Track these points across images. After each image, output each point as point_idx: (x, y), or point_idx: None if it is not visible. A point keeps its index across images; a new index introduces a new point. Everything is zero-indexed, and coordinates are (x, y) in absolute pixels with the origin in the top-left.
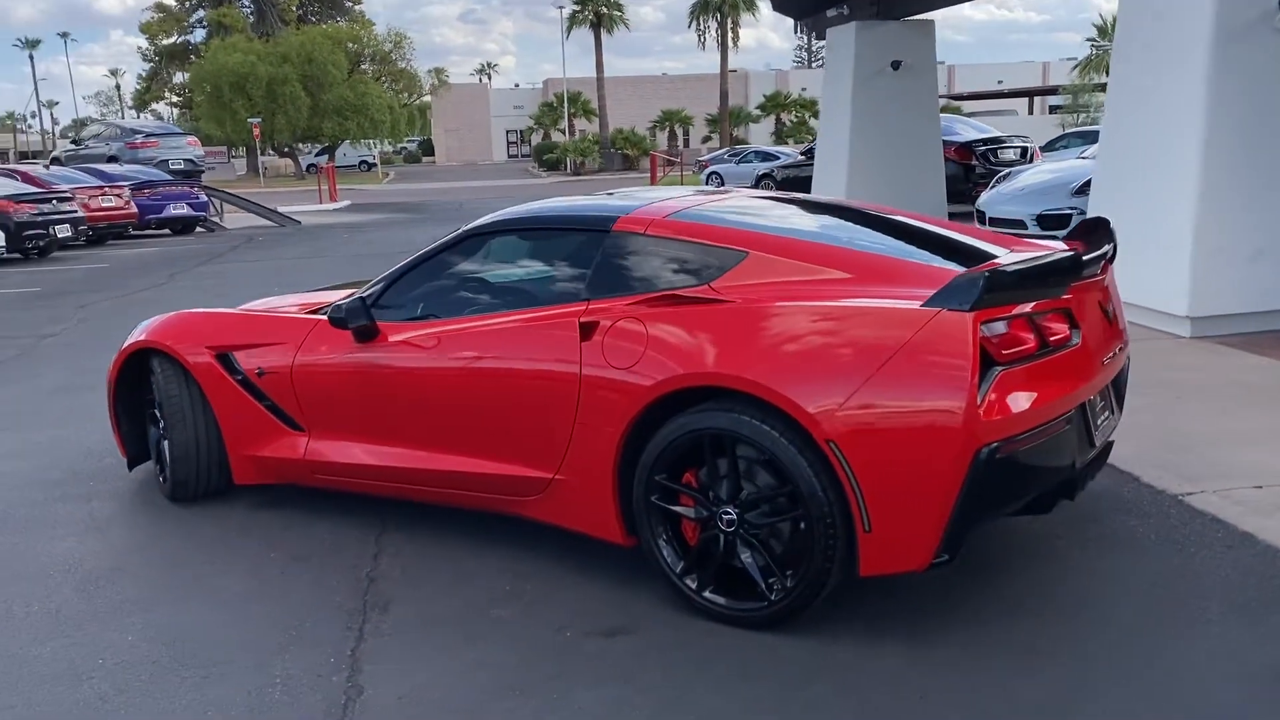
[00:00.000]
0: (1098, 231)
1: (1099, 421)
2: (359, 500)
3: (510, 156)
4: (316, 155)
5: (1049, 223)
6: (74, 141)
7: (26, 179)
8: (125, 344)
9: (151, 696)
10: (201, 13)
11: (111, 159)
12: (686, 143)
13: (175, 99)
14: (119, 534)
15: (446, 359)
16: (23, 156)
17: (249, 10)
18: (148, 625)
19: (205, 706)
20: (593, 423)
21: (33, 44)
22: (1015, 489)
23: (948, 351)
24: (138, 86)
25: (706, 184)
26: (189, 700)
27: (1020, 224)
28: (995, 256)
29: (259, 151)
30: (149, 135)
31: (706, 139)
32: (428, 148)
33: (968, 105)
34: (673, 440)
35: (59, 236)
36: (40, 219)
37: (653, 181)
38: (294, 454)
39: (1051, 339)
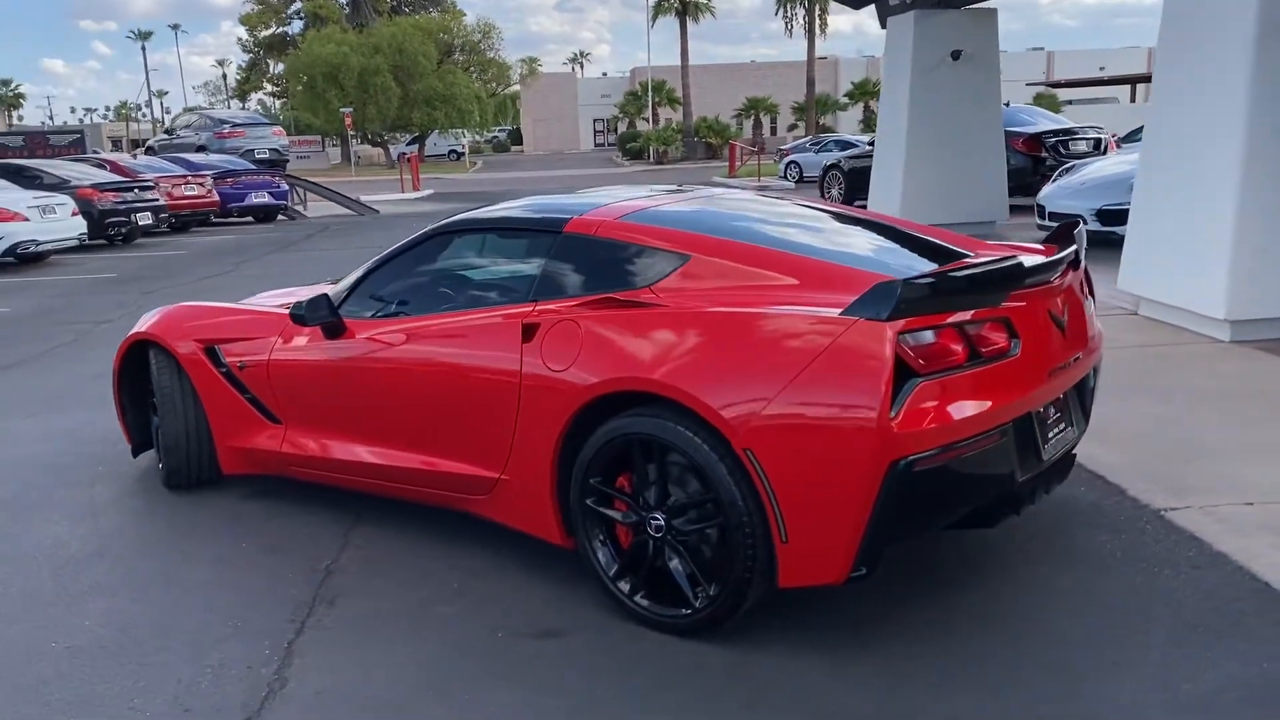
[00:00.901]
0: (1067, 235)
1: (1050, 434)
2: (343, 494)
3: (597, 146)
4: (407, 145)
5: (1109, 218)
6: (167, 131)
7: (115, 168)
8: (128, 335)
9: (89, 681)
10: (299, 4)
11: (200, 148)
12: (774, 130)
13: (273, 89)
14: (109, 519)
15: (404, 357)
16: (134, 145)
17: (344, 2)
18: (108, 611)
19: (133, 694)
20: (532, 424)
21: (145, 35)
22: (940, 504)
23: (861, 361)
24: (238, 77)
25: (784, 173)
26: (121, 687)
27: (1080, 220)
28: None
29: (351, 141)
30: (236, 125)
31: (793, 127)
32: (516, 137)
33: (1065, 93)
34: (605, 444)
35: (140, 224)
36: (123, 207)
37: (731, 172)
38: (273, 446)
39: (984, 349)
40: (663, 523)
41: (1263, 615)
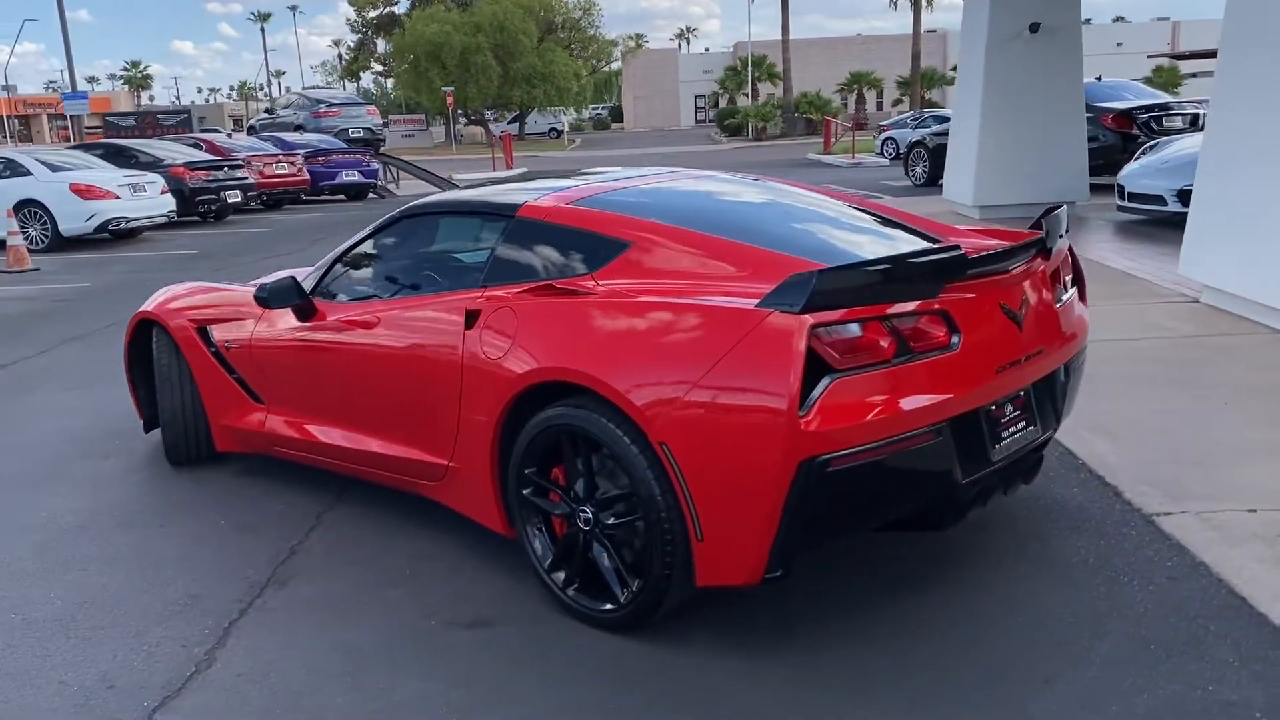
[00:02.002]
0: (1044, 222)
1: (1004, 434)
2: (330, 475)
3: (698, 122)
4: (508, 123)
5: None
6: (268, 111)
7: (210, 148)
8: (135, 313)
9: (33, 654)
10: None
11: (298, 128)
12: (879, 106)
13: (380, 69)
14: (108, 493)
15: (364, 341)
16: (235, 125)
17: None
18: (74, 584)
19: (68, 669)
20: (473, 412)
21: (264, 17)
22: (862, 506)
23: (772, 355)
24: (346, 57)
25: (881, 150)
26: (60, 661)
27: (1159, 200)
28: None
29: (453, 120)
30: (331, 105)
31: (897, 103)
32: (617, 114)
33: (1188, 65)
34: (537, 434)
35: (229, 201)
36: (213, 185)
37: (826, 148)
38: (257, 426)
39: (916, 343)
40: (590, 516)
41: (1225, 634)
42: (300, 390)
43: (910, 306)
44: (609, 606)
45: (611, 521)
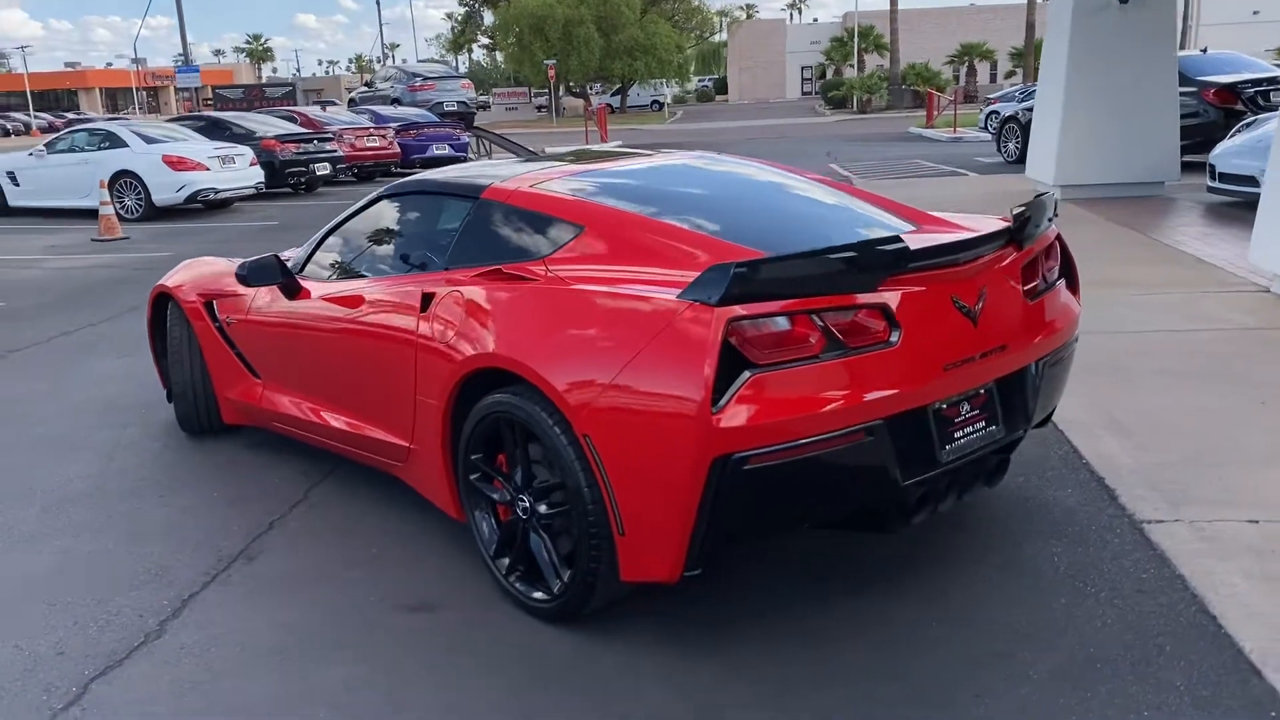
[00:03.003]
0: (1027, 208)
1: (956, 434)
2: (327, 451)
3: (805, 94)
4: (611, 95)
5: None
6: (367, 84)
7: (305, 121)
8: (154, 286)
9: (2, 618)
10: None
11: (395, 101)
12: (992, 78)
13: (487, 42)
14: (121, 461)
15: (341, 321)
16: (319, 101)
17: None
18: (63, 551)
19: (26, 634)
20: (425, 395)
21: None
22: (786, 506)
23: (687, 349)
24: (453, 30)
25: (984, 124)
26: (20, 625)
27: (1251, 181)
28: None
29: (556, 92)
30: (427, 79)
31: (1010, 74)
32: (721, 86)
33: None
34: (480, 421)
35: (319, 174)
36: (303, 157)
37: (928, 121)
38: (255, 401)
39: (849, 338)
40: (528, 505)
41: (1180, 655)
42: (287, 367)
43: (844, 300)
44: (542, 596)
45: (545, 511)
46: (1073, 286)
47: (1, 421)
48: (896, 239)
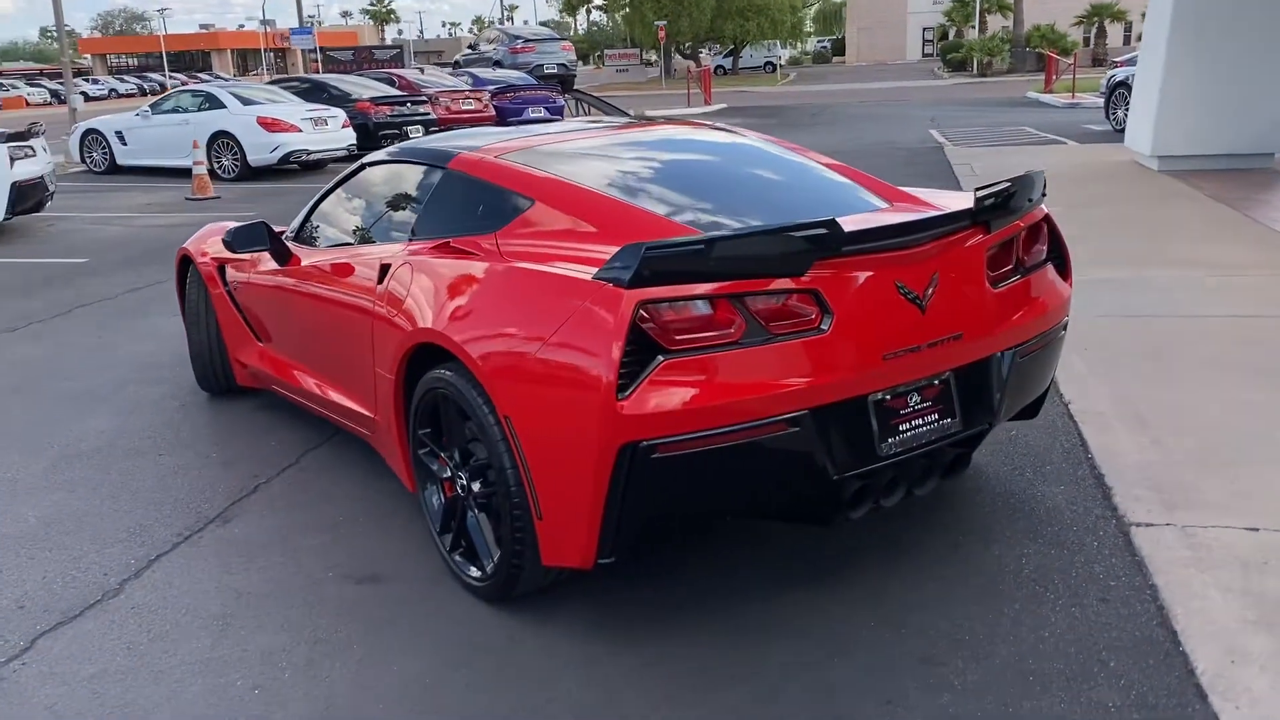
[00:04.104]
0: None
1: (901, 427)
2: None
3: (925, 55)
4: (723, 57)
5: None
6: (470, 47)
7: (403, 83)
8: (179, 248)
9: None
10: None
11: (497, 64)
12: (1126, 40)
13: (599, 3)
14: (136, 419)
15: (320, 289)
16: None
17: None
18: (55, 505)
19: None
20: (381, 368)
21: None
22: (701, 496)
23: (596, 331)
24: None
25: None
26: None
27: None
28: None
29: (667, 54)
30: (527, 41)
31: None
32: (839, 47)
33: None
34: (423, 396)
35: (411, 136)
36: (396, 119)
37: (1047, 86)
38: (258, 363)
39: (773, 324)
40: (465, 483)
41: (1123, 671)
42: (279, 332)
43: (769, 284)
44: (477, 574)
45: (479, 490)
46: (1063, 270)
47: (45, 375)
48: (830, 222)
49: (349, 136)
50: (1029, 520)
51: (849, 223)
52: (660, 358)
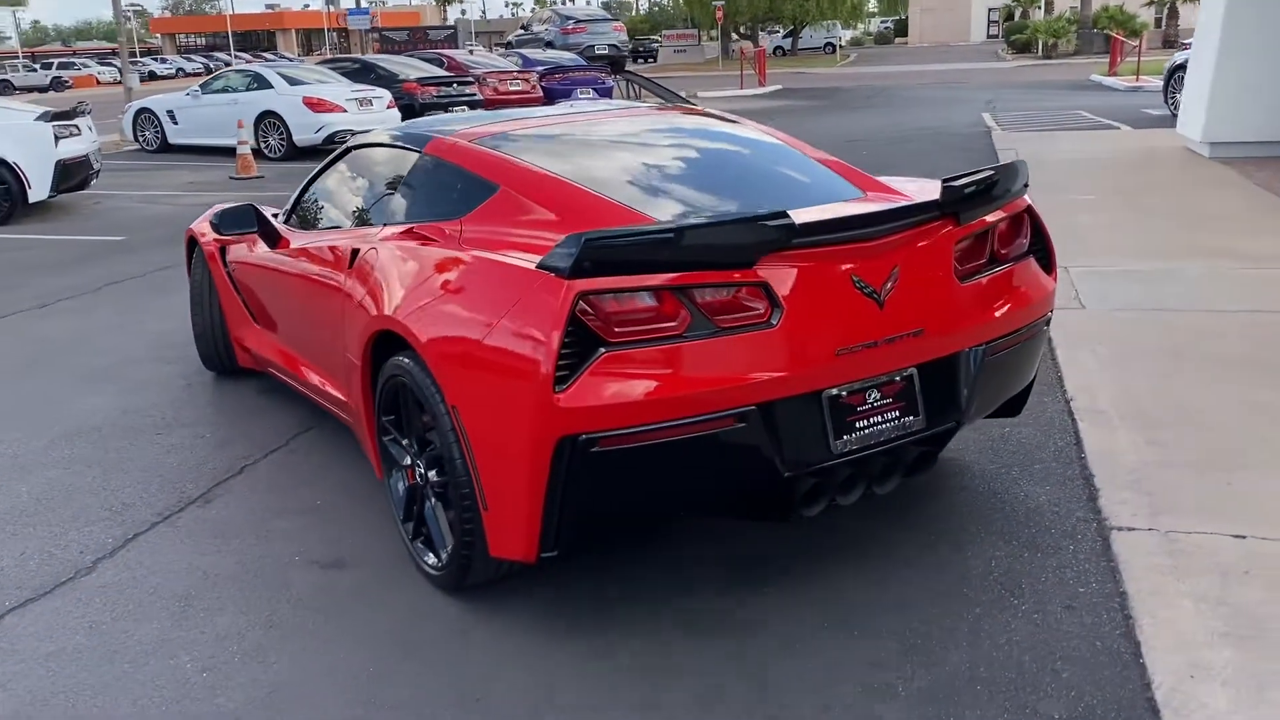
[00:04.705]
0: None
1: (860, 423)
2: None
3: (990, 37)
4: (783, 38)
5: None
6: (523, 27)
7: (451, 64)
8: (186, 229)
9: None
10: None
11: (548, 44)
12: None
13: None
14: (142, 397)
15: (302, 272)
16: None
17: None
18: (47, 481)
19: None
20: (349, 354)
21: None
22: (644, 492)
23: (537, 322)
24: None
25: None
26: None
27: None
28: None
29: (725, 35)
30: (579, 21)
31: None
32: (902, 28)
33: None
34: (384, 384)
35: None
36: (441, 100)
37: (1111, 69)
38: (254, 345)
39: (718, 317)
40: (423, 471)
41: (1075, 683)
42: (270, 315)
43: (715, 277)
44: (434, 563)
45: (435, 478)
46: (1046, 264)
47: (64, 351)
48: (780, 214)
49: (393, 117)
50: (1007, 521)
51: (803, 215)
52: (601, 350)
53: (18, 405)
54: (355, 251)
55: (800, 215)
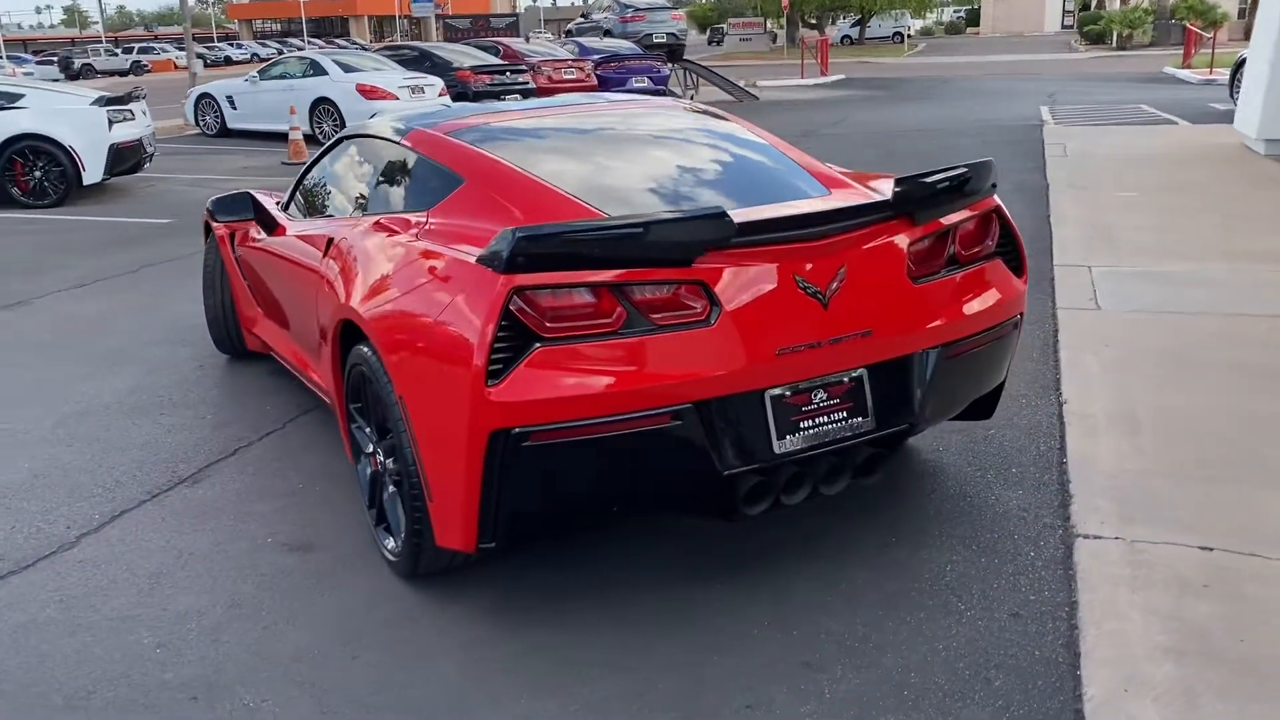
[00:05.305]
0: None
1: (805, 424)
2: None
3: (1064, 27)
4: (850, 26)
5: None
6: (583, 15)
7: (507, 52)
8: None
9: None
10: None
11: (607, 33)
12: None
13: None
14: (154, 378)
15: (290, 260)
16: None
17: None
18: (47, 458)
19: None
20: (323, 341)
21: None
22: (579, 487)
23: (472, 315)
24: None
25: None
26: None
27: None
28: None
29: (792, 23)
30: (637, 10)
31: None
32: (974, 18)
33: None
34: (350, 371)
35: None
36: (494, 88)
37: (1185, 61)
38: (259, 329)
39: (654, 315)
40: (382, 458)
41: (1005, 692)
42: (265, 300)
43: (652, 274)
44: (391, 547)
45: (392, 466)
46: (1016, 265)
47: (91, 332)
48: (719, 212)
49: (445, 104)
50: (970, 525)
51: (744, 213)
52: (536, 345)
53: (35, 383)
54: (329, 242)
55: (741, 214)
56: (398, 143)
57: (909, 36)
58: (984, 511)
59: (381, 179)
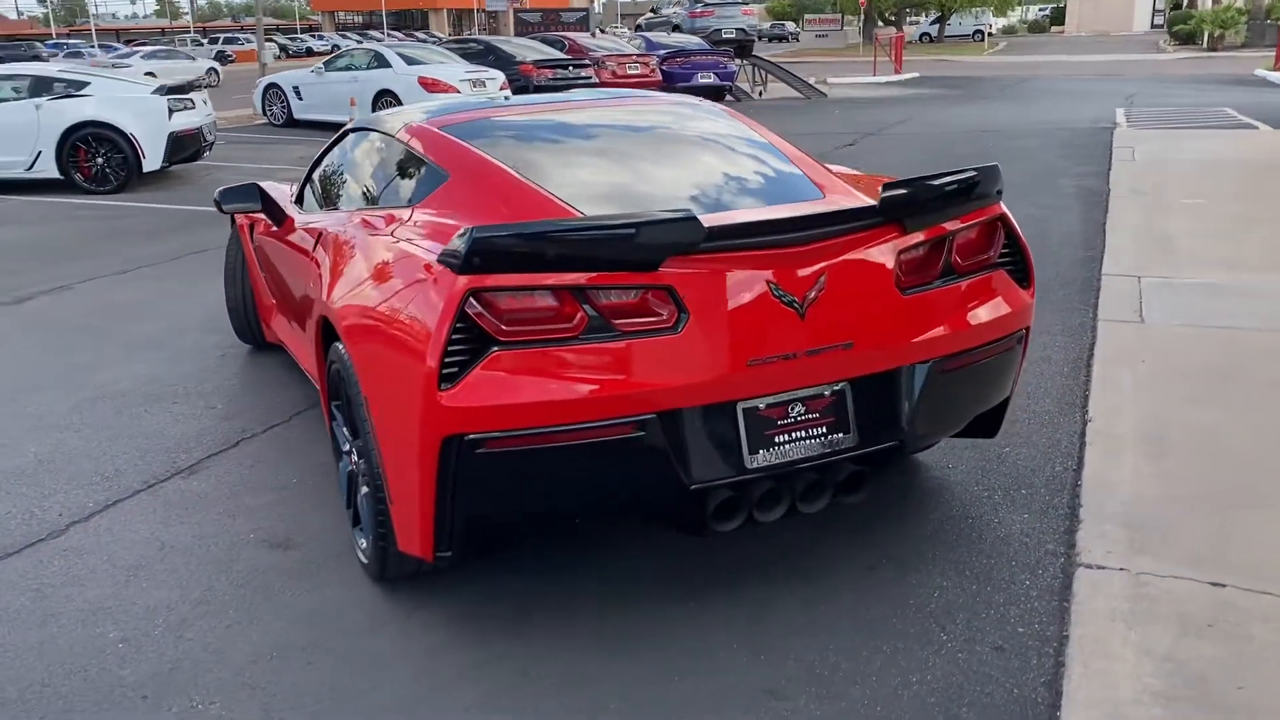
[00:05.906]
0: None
1: (780, 438)
2: None
3: (1154, 27)
4: (930, 24)
5: None
6: (653, 10)
7: (572, 46)
8: None
9: None
10: None
11: (675, 28)
12: None
13: None
14: (174, 367)
15: (292, 253)
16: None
17: None
18: (55, 444)
19: None
20: (310, 337)
21: None
22: (538, 496)
23: (428, 317)
24: None
25: None
26: None
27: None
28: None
29: (870, 20)
30: (707, 5)
31: None
32: (1059, 16)
33: None
34: (329, 369)
35: None
36: (557, 83)
37: (1277, 63)
38: (273, 321)
39: (617, 320)
40: (357, 458)
41: None
42: (276, 293)
43: (617, 278)
44: (364, 548)
45: (364, 467)
46: (1022, 276)
47: (125, 317)
48: (688, 215)
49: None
50: (967, 549)
51: (716, 217)
52: (493, 348)
53: (61, 368)
54: (320, 234)
55: (713, 218)
56: (394, 136)
57: (990, 35)
58: (984, 535)
59: (376, 173)
